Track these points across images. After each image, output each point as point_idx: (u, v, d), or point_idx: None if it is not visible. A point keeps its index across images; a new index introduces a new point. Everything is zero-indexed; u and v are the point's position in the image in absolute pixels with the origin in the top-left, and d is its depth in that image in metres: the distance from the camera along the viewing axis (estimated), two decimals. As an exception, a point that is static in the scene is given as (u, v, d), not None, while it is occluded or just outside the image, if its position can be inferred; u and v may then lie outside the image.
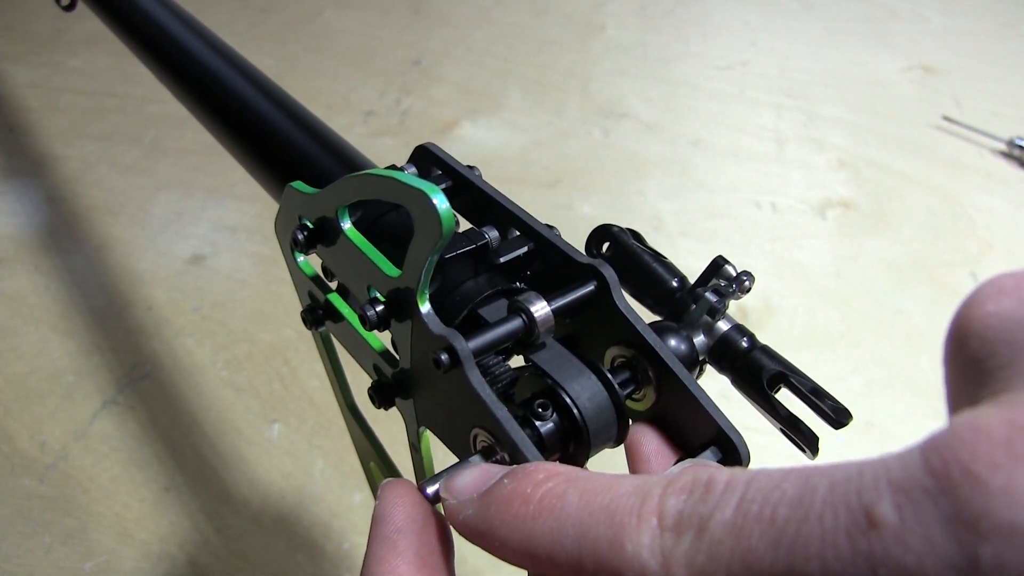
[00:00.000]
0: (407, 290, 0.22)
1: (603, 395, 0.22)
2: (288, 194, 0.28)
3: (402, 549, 0.20)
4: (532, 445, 0.20)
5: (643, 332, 0.23)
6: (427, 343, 0.22)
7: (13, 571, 0.50)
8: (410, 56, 1.10)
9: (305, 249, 0.27)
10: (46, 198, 0.83)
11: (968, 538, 0.12)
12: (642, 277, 0.28)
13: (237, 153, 0.39)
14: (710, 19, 1.25)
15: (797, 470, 0.14)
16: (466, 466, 0.21)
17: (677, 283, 0.27)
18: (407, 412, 0.26)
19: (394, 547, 0.20)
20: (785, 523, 0.13)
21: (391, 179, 0.22)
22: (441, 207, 0.20)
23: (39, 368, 0.64)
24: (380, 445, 0.32)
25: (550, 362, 0.23)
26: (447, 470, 0.21)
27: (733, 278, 0.26)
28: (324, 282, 0.29)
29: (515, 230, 0.26)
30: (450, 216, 0.20)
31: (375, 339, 0.27)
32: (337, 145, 0.35)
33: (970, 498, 0.12)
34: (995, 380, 0.14)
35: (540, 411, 0.22)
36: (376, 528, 0.21)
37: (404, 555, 0.20)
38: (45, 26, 1.13)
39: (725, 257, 0.26)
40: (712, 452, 0.22)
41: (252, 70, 0.40)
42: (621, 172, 0.89)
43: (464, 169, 0.28)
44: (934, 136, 0.98)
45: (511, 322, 0.22)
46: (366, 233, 0.26)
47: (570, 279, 0.24)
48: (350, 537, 0.53)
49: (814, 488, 0.13)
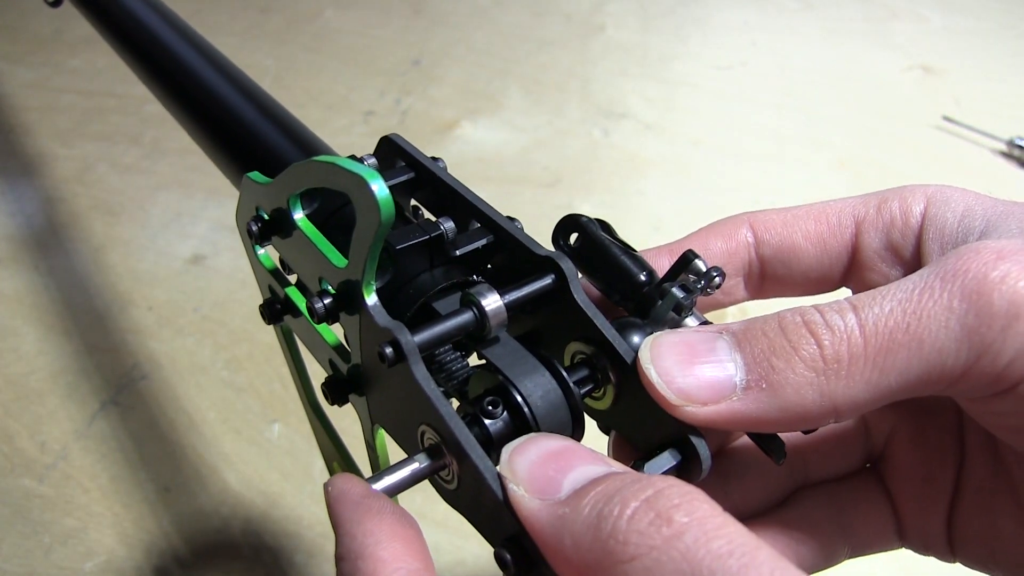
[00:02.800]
0: (356, 282, 0.22)
1: (556, 393, 0.21)
2: (246, 184, 0.27)
3: (376, 509, 0.18)
4: (477, 444, 0.19)
5: (602, 328, 0.23)
6: (374, 336, 0.21)
7: (13, 571, 0.50)
8: (410, 56, 1.10)
9: (260, 241, 0.27)
10: (46, 198, 0.83)
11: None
12: (609, 270, 0.26)
13: (200, 140, 0.38)
14: (710, 19, 1.25)
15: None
16: (539, 439, 0.19)
17: (645, 277, 0.26)
18: (361, 409, 0.25)
19: (369, 510, 0.18)
20: None
21: (332, 165, 0.21)
22: (380, 193, 0.20)
23: (39, 368, 0.64)
24: (343, 444, 0.32)
25: (503, 358, 0.22)
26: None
27: (703, 273, 0.25)
28: (283, 276, 0.28)
29: (476, 222, 0.26)
30: (389, 202, 0.20)
31: (329, 333, 0.26)
32: (301, 135, 0.34)
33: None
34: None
35: (490, 409, 0.21)
36: (340, 502, 0.19)
37: (383, 514, 0.18)
38: (45, 26, 1.13)
39: (695, 251, 0.26)
40: (671, 454, 0.22)
41: (216, 55, 0.39)
42: (621, 172, 0.89)
43: (428, 161, 0.27)
44: (934, 136, 0.98)
45: (461, 315, 0.22)
46: (323, 225, 0.25)
47: (530, 272, 0.23)
48: (350, 537, 0.53)
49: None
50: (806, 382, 0.20)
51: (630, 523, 0.15)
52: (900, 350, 0.19)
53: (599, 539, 0.16)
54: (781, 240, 0.26)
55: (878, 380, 0.20)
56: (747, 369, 0.20)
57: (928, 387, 0.20)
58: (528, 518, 0.17)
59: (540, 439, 0.19)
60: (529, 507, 0.17)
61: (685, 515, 0.15)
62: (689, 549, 0.15)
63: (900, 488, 0.27)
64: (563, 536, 0.16)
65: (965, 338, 0.19)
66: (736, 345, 0.21)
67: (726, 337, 0.21)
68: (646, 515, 0.15)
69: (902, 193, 0.26)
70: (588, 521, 0.16)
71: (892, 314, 0.20)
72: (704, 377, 0.20)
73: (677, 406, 0.20)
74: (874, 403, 0.20)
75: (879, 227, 0.26)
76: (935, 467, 0.27)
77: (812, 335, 0.20)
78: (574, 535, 0.16)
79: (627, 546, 0.15)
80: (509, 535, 0.19)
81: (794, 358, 0.20)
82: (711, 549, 0.15)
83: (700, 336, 0.21)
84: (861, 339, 0.20)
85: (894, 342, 0.19)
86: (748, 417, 0.20)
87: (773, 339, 0.20)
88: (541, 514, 0.17)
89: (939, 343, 0.19)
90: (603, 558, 0.15)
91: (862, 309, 0.20)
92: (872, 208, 0.26)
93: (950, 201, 0.25)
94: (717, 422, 0.20)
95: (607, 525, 0.16)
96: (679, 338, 0.21)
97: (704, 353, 0.21)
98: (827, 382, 0.20)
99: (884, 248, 0.25)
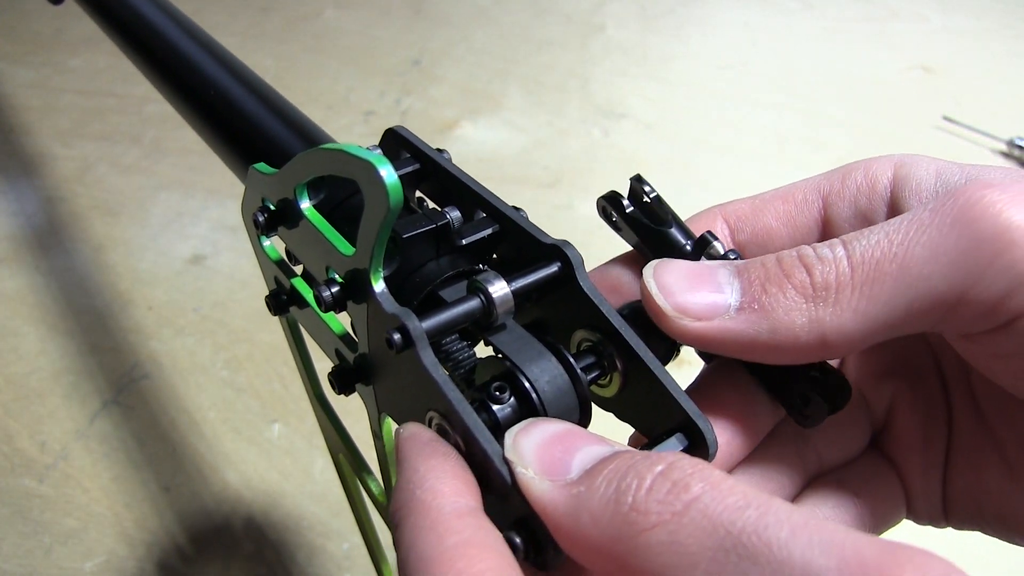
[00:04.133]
0: (363, 270, 0.22)
1: (564, 379, 0.21)
2: (251, 176, 0.27)
3: (443, 451, 0.19)
4: (486, 429, 0.20)
5: (608, 315, 0.23)
6: (381, 323, 0.21)
7: (13, 571, 0.50)
8: (410, 56, 1.10)
9: (266, 231, 0.27)
10: (46, 198, 0.83)
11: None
12: (655, 246, 0.27)
13: (205, 135, 0.38)
14: (710, 19, 1.25)
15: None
16: (541, 423, 0.19)
17: (691, 247, 0.26)
18: (368, 399, 0.26)
19: (436, 449, 0.19)
20: None
21: (340, 152, 0.21)
22: (388, 179, 0.20)
23: (39, 368, 0.64)
24: (349, 437, 0.32)
25: (510, 345, 0.22)
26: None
27: (720, 256, 0.25)
28: (289, 267, 0.28)
29: (482, 212, 0.26)
30: (398, 188, 0.20)
31: (336, 322, 0.26)
32: (303, 125, 0.34)
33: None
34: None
35: (497, 395, 0.21)
36: (409, 441, 0.19)
37: (450, 454, 0.19)
38: (45, 26, 1.13)
39: (714, 233, 0.26)
40: (678, 439, 0.22)
41: (219, 48, 0.39)
42: (621, 172, 0.89)
43: (433, 152, 0.27)
44: (934, 136, 0.98)
45: (468, 302, 0.22)
46: (330, 215, 0.25)
47: (536, 260, 0.24)
48: (350, 537, 0.53)
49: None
50: (795, 306, 0.21)
51: (649, 494, 0.16)
52: (887, 278, 0.20)
53: (619, 513, 0.16)
54: (753, 225, 0.27)
55: (866, 308, 0.20)
56: (742, 292, 0.21)
57: (919, 318, 0.20)
58: (540, 499, 0.18)
59: (541, 423, 0.20)
60: (540, 488, 0.18)
61: (700, 480, 0.16)
62: (708, 507, 0.15)
63: (904, 458, 0.28)
64: (580, 514, 0.17)
65: (953, 266, 0.20)
66: (736, 273, 0.22)
67: (728, 267, 0.22)
68: (663, 485, 0.16)
69: (867, 163, 0.26)
70: (606, 497, 0.17)
71: (879, 244, 0.20)
72: (701, 295, 0.22)
73: (672, 318, 0.22)
74: (865, 335, 0.21)
75: (845, 197, 0.26)
76: (931, 430, 0.27)
77: (804, 265, 0.21)
78: (592, 512, 0.17)
79: (648, 515, 0.16)
80: (517, 518, 0.19)
81: (786, 284, 0.21)
82: (728, 504, 0.15)
83: (704, 265, 0.23)
84: (848, 268, 0.20)
85: (881, 271, 0.20)
86: (739, 336, 0.21)
87: (769, 268, 0.21)
88: (554, 494, 0.18)
89: (927, 270, 0.20)
90: (624, 529, 0.16)
91: (850, 242, 0.21)
92: (836, 180, 0.27)
93: (920, 163, 0.25)
94: (708, 337, 0.22)
95: (627, 498, 0.16)
96: (684, 264, 0.23)
97: (706, 277, 0.22)
98: (815, 308, 0.20)
99: (854, 216, 0.26)
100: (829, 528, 0.15)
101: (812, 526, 0.15)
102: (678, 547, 0.15)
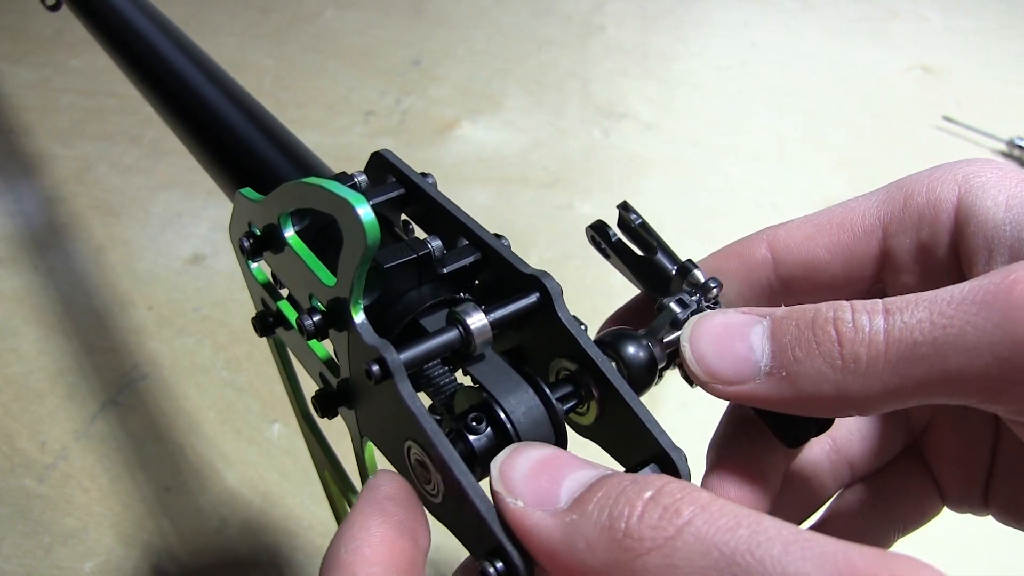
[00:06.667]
0: (344, 300, 0.22)
1: (539, 409, 0.22)
2: (238, 200, 0.28)
3: (390, 512, 0.20)
4: (461, 460, 0.20)
5: (585, 346, 0.23)
6: (361, 354, 0.22)
7: (13, 571, 0.50)
8: (410, 56, 1.10)
9: (252, 256, 0.27)
10: (46, 198, 0.83)
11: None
12: (640, 273, 0.27)
13: (195, 153, 0.38)
14: (710, 19, 1.25)
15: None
16: (524, 450, 0.20)
17: (676, 271, 0.26)
18: (350, 421, 0.26)
19: (382, 510, 0.20)
20: None
21: (319, 187, 0.22)
22: (365, 217, 0.20)
23: (39, 368, 0.64)
24: (333, 454, 0.32)
25: (487, 375, 0.22)
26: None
27: (700, 284, 0.25)
28: (275, 290, 0.29)
29: (464, 239, 0.26)
30: (375, 226, 0.20)
31: (320, 347, 0.26)
32: (294, 148, 0.34)
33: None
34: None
35: (474, 425, 0.21)
36: (368, 492, 0.20)
37: (390, 520, 0.20)
38: (45, 26, 1.13)
39: (694, 261, 0.26)
40: (652, 469, 0.22)
41: (211, 64, 0.40)
42: (621, 172, 0.89)
43: (417, 177, 0.27)
44: (934, 136, 0.98)
45: (447, 333, 0.22)
46: (312, 241, 0.26)
47: (517, 289, 0.24)
48: (350, 537, 0.53)
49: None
50: (823, 377, 0.20)
51: (641, 520, 0.16)
52: (922, 361, 0.19)
53: (615, 539, 0.17)
54: (803, 256, 0.26)
55: (898, 386, 0.20)
56: (772, 356, 0.21)
57: (955, 400, 0.20)
58: (532, 529, 0.18)
59: (524, 448, 0.20)
60: (533, 519, 0.18)
61: (690, 504, 0.16)
62: (700, 530, 0.16)
63: (941, 465, 0.28)
64: (576, 541, 0.17)
65: (996, 365, 0.19)
66: (769, 335, 0.22)
67: (764, 323, 0.22)
68: (654, 511, 0.16)
69: (929, 181, 0.25)
70: (600, 524, 0.17)
71: (920, 324, 0.19)
72: (733, 360, 0.22)
73: (705, 383, 0.22)
74: (895, 405, 0.20)
75: (907, 226, 0.25)
76: (975, 446, 0.27)
77: (836, 332, 0.20)
78: (587, 539, 0.17)
79: (643, 541, 0.16)
80: (492, 547, 0.19)
81: (815, 351, 0.21)
82: (720, 525, 0.16)
83: (741, 319, 0.22)
84: (883, 344, 0.20)
85: (916, 353, 0.19)
86: (767, 399, 0.21)
87: (802, 331, 0.21)
88: (548, 523, 0.18)
89: (964, 363, 0.19)
90: (620, 555, 0.16)
91: (893, 314, 0.20)
92: (897, 204, 0.25)
93: (987, 187, 0.23)
94: (739, 399, 0.22)
95: (620, 525, 0.17)
96: (721, 319, 0.23)
97: (739, 338, 0.22)
98: (843, 379, 0.20)
99: (915, 249, 0.25)
100: (820, 541, 0.15)
101: (803, 540, 0.15)
102: (674, 570, 0.16)
